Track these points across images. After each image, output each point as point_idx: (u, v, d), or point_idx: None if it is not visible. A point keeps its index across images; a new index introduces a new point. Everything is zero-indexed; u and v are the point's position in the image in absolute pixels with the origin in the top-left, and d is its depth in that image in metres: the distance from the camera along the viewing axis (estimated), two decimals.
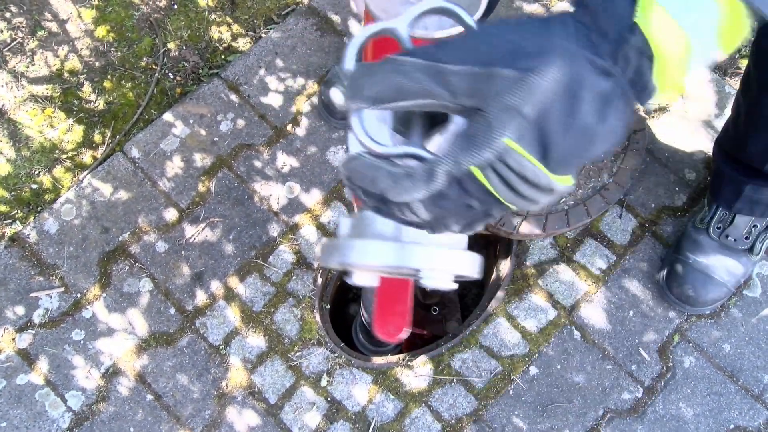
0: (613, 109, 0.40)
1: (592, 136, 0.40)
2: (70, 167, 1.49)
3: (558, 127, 0.39)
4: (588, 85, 0.39)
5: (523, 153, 0.39)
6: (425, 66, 0.40)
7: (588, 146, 0.40)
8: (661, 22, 0.39)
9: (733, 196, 1.26)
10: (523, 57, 0.39)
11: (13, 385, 1.31)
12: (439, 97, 0.40)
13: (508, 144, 0.38)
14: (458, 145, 0.40)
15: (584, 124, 0.39)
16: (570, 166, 0.42)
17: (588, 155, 0.41)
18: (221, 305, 1.36)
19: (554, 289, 1.36)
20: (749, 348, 1.32)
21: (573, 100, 0.39)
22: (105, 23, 1.62)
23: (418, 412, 1.29)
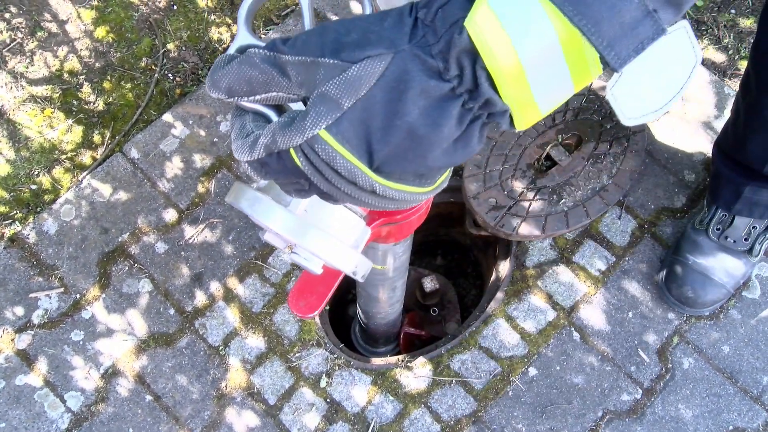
0: (448, 116, 0.37)
1: (423, 141, 0.38)
2: (70, 168, 1.49)
3: (381, 124, 0.38)
4: (415, 85, 0.37)
5: (335, 146, 0.38)
6: (270, 57, 0.40)
7: (420, 151, 0.38)
8: (486, 25, 0.35)
9: (732, 197, 1.26)
10: (347, 47, 0.38)
11: (12, 386, 1.31)
12: (283, 87, 0.40)
13: (320, 135, 0.38)
14: (282, 124, 0.40)
15: (410, 127, 0.37)
16: (402, 170, 0.40)
17: (424, 162, 0.39)
18: (221, 306, 1.36)
19: (553, 291, 1.36)
20: (748, 349, 1.32)
21: (397, 97, 0.37)
22: (104, 24, 1.62)
23: (418, 413, 1.29)
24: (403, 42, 0.37)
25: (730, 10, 1.61)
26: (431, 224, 1.66)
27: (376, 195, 0.41)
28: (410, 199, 0.42)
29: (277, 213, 0.49)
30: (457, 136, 0.39)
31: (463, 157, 0.40)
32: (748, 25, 1.60)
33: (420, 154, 0.39)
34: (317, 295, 0.73)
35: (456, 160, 0.40)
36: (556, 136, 1.40)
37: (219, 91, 0.42)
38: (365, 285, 1.08)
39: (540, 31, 0.35)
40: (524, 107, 0.38)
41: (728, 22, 1.60)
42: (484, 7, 0.35)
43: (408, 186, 0.41)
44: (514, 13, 0.35)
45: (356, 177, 0.39)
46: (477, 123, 0.39)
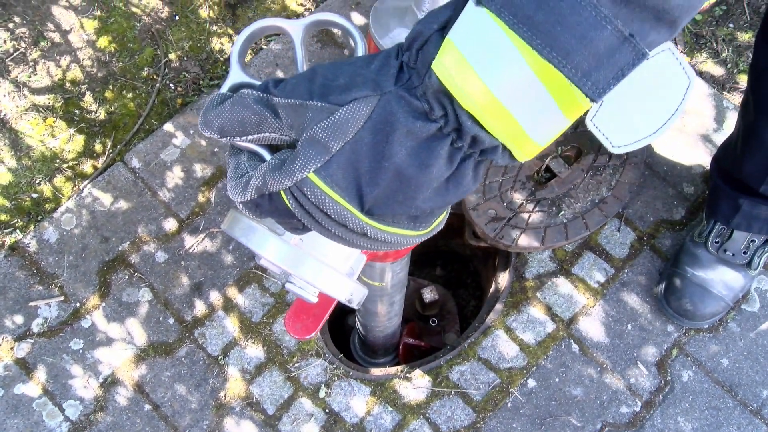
0: (436, 156, 0.37)
1: (411, 182, 0.38)
2: (71, 177, 1.50)
3: (369, 167, 0.38)
4: (401, 126, 0.37)
5: (324, 188, 0.38)
6: (262, 99, 0.40)
7: (410, 193, 0.38)
8: (453, 65, 0.35)
9: (730, 211, 1.27)
10: (335, 90, 0.38)
11: (10, 395, 1.30)
12: (275, 128, 0.40)
13: (309, 178, 0.38)
14: (272, 167, 0.40)
15: (398, 168, 0.37)
16: (393, 212, 0.40)
17: (414, 203, 0.39)
18: (220, 316, 1.36)
19: (553, 302, 1.36)
20: (747, 363, 1.32)
21: (384, 139, 0.37)
22: (107, 34, 1.63)
23: (416, 424, 1.29)
24: (388, 84, 0.37)
25: (728, 24, 1.63)
26: None
27: (368, 238, 0.41)
28: (404, 243, 0.42)
29: (271, 242, 0.49)
30: (449, 176, 0.39)
31: (457, 197, 0.40)
32: (747, 39, 1.61)
33: (410, 195, 0.39)
34: (313, 317, 0.73)
35: (449, 200, 0.40)
36: (555, 148, 1.41)
37: (211, 131, 0.42)
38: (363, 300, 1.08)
39: (511, 66, 0.34)
40: (517, 140, 0.37)
41: (727, 36, 1.61)
42: (451, 48, 0.35)
43: (401, 229, 0.41)
44: (482, 50, 0.35)
45: (346, 220, 0.39)
46: (469, 162, 0.39)
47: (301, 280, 0.51)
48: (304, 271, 0.50)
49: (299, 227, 0.43)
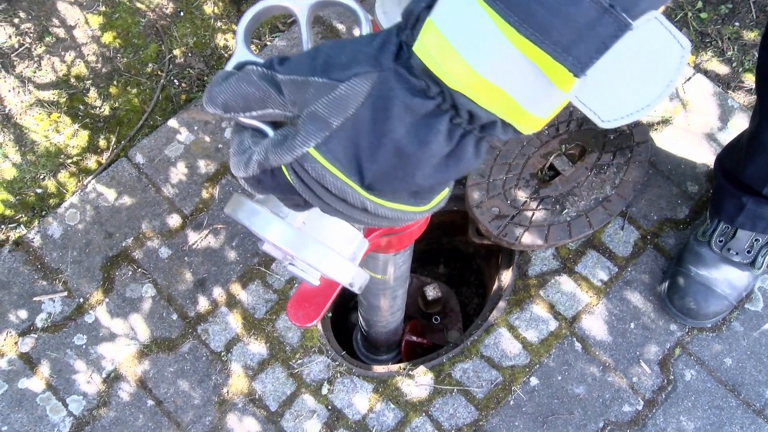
0: (435, 133, 0.37)
1: (411, 158, 0.38)
2: (75, 172, 1.50)
3: (369, 143, 0.38)
4: (399, 103, 0.37)
5: (325, 164, 0.38)
6: (267, 75, 0.41)
7: (409, 169, 0.38)
8: (434, 46, 0.35)
9: (734, 210, 1.27)
10: (336, 67, 0.38)
11: (14, 389, 1.31)
12: (278, 104, 0.41)
13: (310, 153, 0.38)
14: (274, 142, 0.40)
15: (397, 144, 0.37)
16: (393, 188, 0.40)
17: (413, 179, 0.39)
18: (223, 312, 1.36)
19: (555, 300, 1.36)
20: (751, 362, 1.32)
21: (383, 116, 0.37)
22: (111, 29, 1.63)
23: (419, 422, 1.29)
24: (388, 61, 0.37)
25: (734, 23, 1.62)
26: (434, 233, 1.66)
27: (368, 213, 0.41)
28: (405, 218, 0.42)
29: (274, 225, 0.50)
30: (448, 152, 0.38)
31: (458, 173, 0.40)
32: (752, 38, 1.60)
33: (409, 171, 0.39)
34: (315, 305, 0.73)
35: (449, 177, 0.40)
36: (559, 146, 1.40)
37: (216, 107, 0.42)
38: (366, 294, 1.08)
39: (494, 44, 0.34)
40: (516, 115, 0.37)
41: (732, 35, 1.60)
42: (431, 28, 0.35)
43: (402, 205, 0.41)
44: (462, 29, 0.34)
45: (347, 195, 0.39)
46: (469, 138, 0.39)
47: (303, 263, 0.51)
48: (307, 254, 0.50)
49: (301, 203, 0.43)
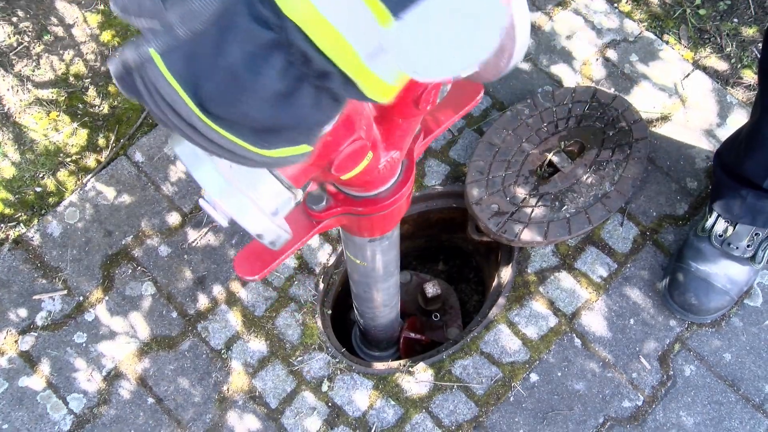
0: (269, 67, 0.37)
1: (242, 85, 0.38)
2: (74, 171, 1.50)
3: (207, 61, 0.38)
4: (241, 27, 0.37)
5: (163, 70, 0.38)
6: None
7: (239, 96, 0.39)
8: None
9: (734, 205, 1.27)
10: None
11: (15, 387, 1.31)
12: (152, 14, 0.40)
13: (153, 57, 0.38)
14: (131, 42, 0.40)
15: (232, 68, 0.38)
16: (228, 115, 0.40)
17: (246, 111, 0.39)
18: (223, 309, 1.36)
19: (555, 297, 1.36)
20: (750, 357, 1.32)
21: (224, 38, 0.37)
22: (110, 28, 1.63)
23: (419, 418, 1.29)
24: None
25: (732, 19, 1.62)
26: (433, 230, 1.67)
27: (199, 134, 0.41)
28: (244, 155, 0.42)
29: (203, 163, 0.50)
30: (282, 91, 0.38)
31: (291, 119, 0.40)
32: (751, 34, 1.60)
33: (240, 98, 0.39)
34: (262, 261, 0.75)
35: (282, 119, 0.40)
36: (558, 142, 1.40)
37: (116, 6, 0.42)
38: (358, 284, 1.09)
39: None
40: (355, 69, 0.37)
41: (731, 31, 1.60)
42: None
43: (239, 139, 0.41)
44: None
45: (179, 107, 0.39)
46: (306, 84, 0.39)
47: (212, 200, 0.52)
48: (220, 195, 0.51)
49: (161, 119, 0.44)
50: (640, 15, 1.63)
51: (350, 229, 0.83)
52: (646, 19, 1.62)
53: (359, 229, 0.82)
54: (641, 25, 1.61)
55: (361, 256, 0.93)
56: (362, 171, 0.63)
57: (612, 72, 1.55)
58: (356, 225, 0.80)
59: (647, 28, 1.60)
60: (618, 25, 1.60)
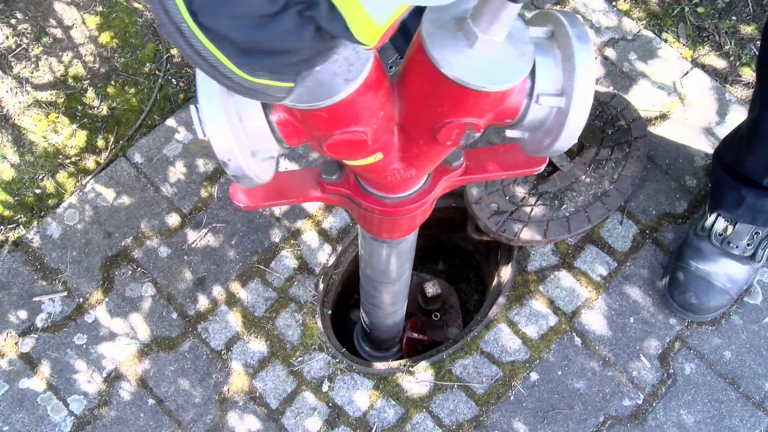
0: None
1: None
2: (74, 172, 1.50)
3: None
4: None
5: None
6: None
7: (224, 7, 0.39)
8: None
9: (734, 204, 1.27)
10: None
11: (15, 389, 1.31)
12: None
13: None
14: None
15: None
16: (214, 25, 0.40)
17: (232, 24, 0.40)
18: (223, 310, 1.36)
19: (555, 296, 1.36)
20: (750, 355, 1.32)
21: None
22: (109, 29, 1.63)
23: (419, 418, 1.29)
24: None
25: (731, 17, 1.62)
26: (433, 229, 1.67)
27: (186, 41, 0.41)
28: (225, 73, 0.43)
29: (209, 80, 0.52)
30: (265, 12, 0.39)
31: (271, 41, 0.41)
32: (749, 32, 1.60)
33: (225, 10, 0.39)
34: (256, 197, 0.76)
35: (262, 40, 0.41)
36: None
37: None
38: (368, 287, 1.09)
39: None
40: (349, 7, 0.38)
41: (729, 29, 1.60)
42: None
43: (221, 54, 0.42)
44: None
45: (169, 5, 0.40)
46: (291, 8, 0.39)
47: (200, 113, 0.53)
48: (208, 105, 0.51)
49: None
50: (639, 13, 1.63)
51: (361, 224, 0.83)
52: (645, 17, 1.62)
53: (366, 224, 0.82)
54: (640, 24, 1.61)
55: (374, 255, 0.92)
56: (366, 167, 0.63)
57: (611, 70, 1.55)
58: (359, 216, 0.80)
59: (646, 27, 1.60)
60: (616, 23, 1.60)
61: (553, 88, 0.56)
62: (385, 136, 0.59)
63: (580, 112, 0.55)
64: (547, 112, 0.57)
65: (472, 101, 0.52)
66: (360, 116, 0.54)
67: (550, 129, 0.58)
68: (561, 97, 0.55)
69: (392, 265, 0.95)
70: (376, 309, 1.18)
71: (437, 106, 0.54)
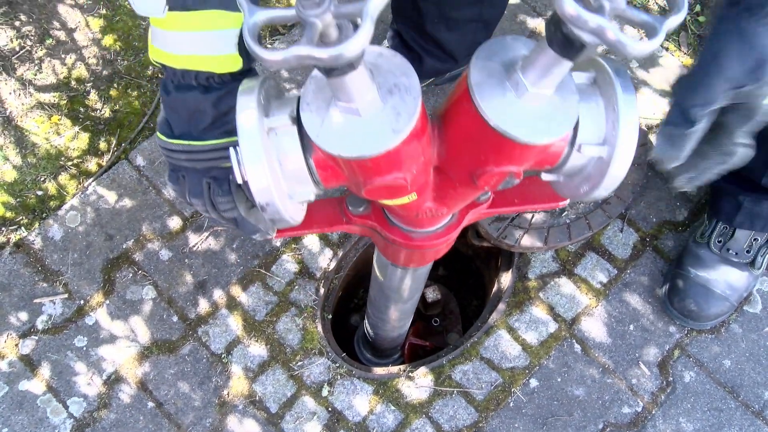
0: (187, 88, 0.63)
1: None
2: (76, 174, 1.50)
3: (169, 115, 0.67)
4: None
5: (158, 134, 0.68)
6: None
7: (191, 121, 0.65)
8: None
9: (732, 210, 1.27)
10: None
11: (15, 391, 1.31)
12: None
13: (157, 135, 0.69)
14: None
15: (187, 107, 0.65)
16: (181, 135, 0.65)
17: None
18: (224, 314, 1.36)
19: (555, 302, 1.37)
20: (749, 364, 1.33)
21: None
22: (112, 32, 1.63)
23: (419, 423, 1.29)
24: None
25: None
26: None
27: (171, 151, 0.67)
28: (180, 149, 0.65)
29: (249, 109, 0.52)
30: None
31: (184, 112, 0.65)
32: None
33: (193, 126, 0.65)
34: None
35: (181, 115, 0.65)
36: None
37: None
38: (377, 303, 1.09)
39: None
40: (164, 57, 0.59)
41: None
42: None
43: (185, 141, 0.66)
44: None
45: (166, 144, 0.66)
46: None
47: (239, 155, 0.53)
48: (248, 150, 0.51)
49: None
50: None
51: (380, 248, 0.83)
52: None
53: (388, 253, 0.81)
54: (641, 32, 1.61)
55: (390, 277, 0.92)
56: (398, 206, 0.63)
57: None
58: (383, 246, 0.80)
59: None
60: None
61: (596, 137, 0.54)
62: (421, 177, 0.57)
63: (623, 162, 0.53)
64: (587, 160, 0.56)
65: (516, 152, 0.51)
66: (402, 163, 0.52)
67: (589, 176, 0.57)
68: (603, 146, 0.54)
69: (406, 287, 0.95)
70: (383, 323, 1.19)
71: (479, 153, 0.53)
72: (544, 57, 0.46)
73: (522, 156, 0.52)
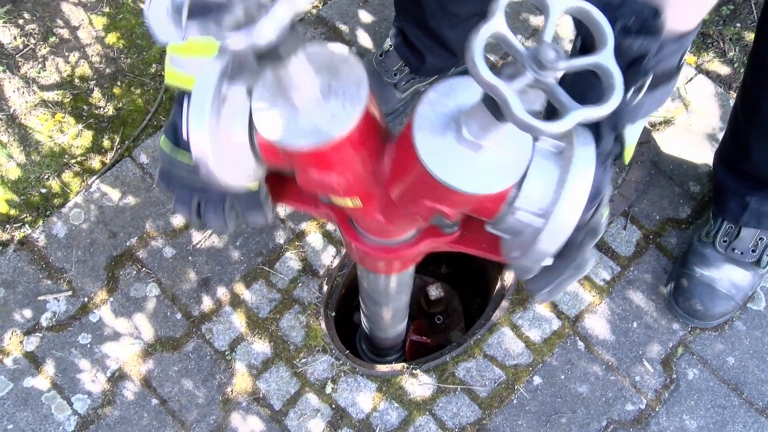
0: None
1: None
2: (79, 172, 1.50)
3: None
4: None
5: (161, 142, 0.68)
6: None
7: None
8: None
9: (738, 209, 1.27)
10: None
11: (19, 388, 1.31)
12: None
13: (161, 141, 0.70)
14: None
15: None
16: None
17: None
18: (227, 311, 1.36)
19: (558, 300, 1.37)
20: (753, 361, 1.33)
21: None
22: (116, 30, 1.64)
23: (422, 421, 1.30)
24: None
25: (735, 24, 1.63)
26: None
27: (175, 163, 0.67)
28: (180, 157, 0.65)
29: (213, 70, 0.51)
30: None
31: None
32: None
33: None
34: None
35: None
36: None
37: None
38: (368, 304, 1.09)
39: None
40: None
41: (733, 36, 1.61)
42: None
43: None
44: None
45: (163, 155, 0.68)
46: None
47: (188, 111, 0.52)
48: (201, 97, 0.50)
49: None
50: None
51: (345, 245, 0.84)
52: None
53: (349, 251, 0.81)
54: None
55: (370, 276, 0.92)
56: (345, 208, 0.63)
57: None
58: (347, 246, 0.80)
59: None
60: None
61: (536, 206, 0.51)
62: (365, 188, 0.58)
63: (551, 241, 0.50)
64: (523, 225, 0.53)
65: (445, 194, 0.51)
66: (334, 166, 0.53)
67: (522, 243, 0.54)
68: (540, 217, 0.51)
69: (389, 290, 0.95)
70: (378, 323, 1.19)
71: (413, 184, 0.53)
72: (480, 116, 0.46)
73: (450, 199, 0.52)
